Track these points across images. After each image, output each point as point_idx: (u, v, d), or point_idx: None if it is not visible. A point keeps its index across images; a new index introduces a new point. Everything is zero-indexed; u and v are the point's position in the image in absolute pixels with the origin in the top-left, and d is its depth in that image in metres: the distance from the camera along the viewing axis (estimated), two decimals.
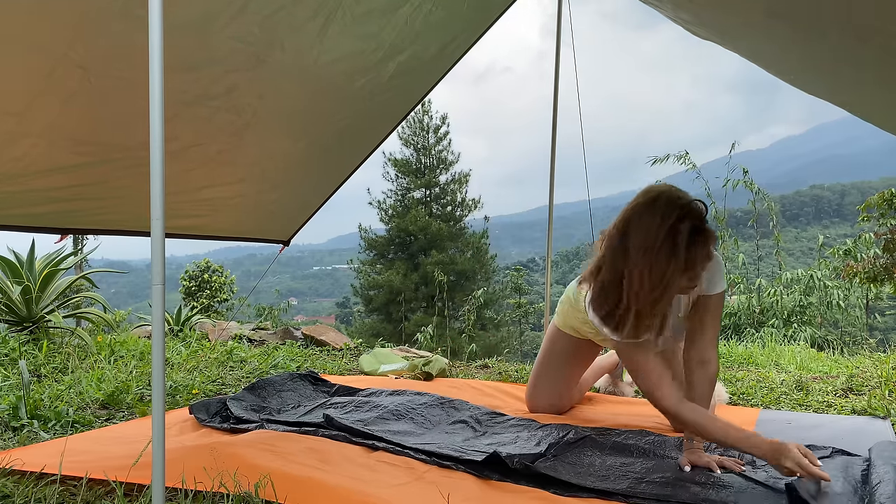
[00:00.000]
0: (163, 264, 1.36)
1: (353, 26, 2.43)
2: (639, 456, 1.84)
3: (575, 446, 1.91)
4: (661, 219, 1.58)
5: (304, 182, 3.44)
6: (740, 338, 6.30)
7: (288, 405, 2.51)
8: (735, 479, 1.62)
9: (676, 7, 2.05)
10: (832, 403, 2.57)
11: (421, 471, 1.70)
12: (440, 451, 1.82)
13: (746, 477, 1.63)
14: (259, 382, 2.64)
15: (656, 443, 1.92)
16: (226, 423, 2.24)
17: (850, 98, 1.97)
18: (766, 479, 1.59)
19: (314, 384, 2.76)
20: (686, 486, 1.56)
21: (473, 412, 2.33)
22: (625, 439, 1.95)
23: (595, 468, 1.72)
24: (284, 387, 2.66)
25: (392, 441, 1.93)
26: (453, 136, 30.32)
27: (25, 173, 2.20)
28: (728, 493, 1.52)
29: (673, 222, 1.56)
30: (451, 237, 20.61)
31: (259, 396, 2.53)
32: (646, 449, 1.88)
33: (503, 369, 3.66)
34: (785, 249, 8.22)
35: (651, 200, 1.63)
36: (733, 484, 1.58)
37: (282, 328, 5.57)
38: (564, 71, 3.64)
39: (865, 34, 1.44)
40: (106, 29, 1.84)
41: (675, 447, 1.87)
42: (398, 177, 22.06)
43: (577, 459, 1.80)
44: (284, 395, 2.60)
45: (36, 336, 4.15)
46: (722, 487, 1.56)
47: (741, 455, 1.75)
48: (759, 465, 1.71)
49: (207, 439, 2.02)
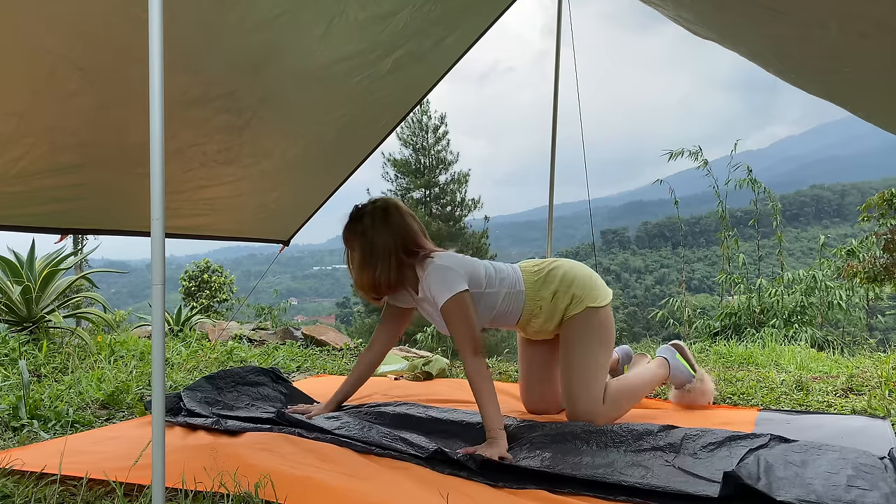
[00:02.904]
0: (163, 264, 1.36)
1: (355, 31, 2.43)
2: (583, 445, 1.88)
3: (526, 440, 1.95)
4: None
5: (304, 182, 3.44)
6: (740, 338, 6.30)
7: (242, 402, 2.48)
8: (668, 471, 1.64)
9: (678, 6, 2.05)
10: (832, 403, 2.57)
11: (421, 472, 1.70)
12: (381, 442, 1.86)
13: (684, 470, 1.64)
14: (219, 373, 2.63)
15: (599, 433, 1.94)
16: (178, 418, 2.23)
17: (850, 97, 1.97)
18: (703, 472, 1.62)
19: (275, 382, 2.72)
20: (627, 472, 1.61)
21: (423, 410, 2.33)
22: (569, 430, 1.98)
23: (545, 458, 1.76)
24: (244, 380, 2.64)
25: (343, 434, 1.96)
26: (452, 135, 30.35)
27: (25, 173, 2.20)
28: (662, 480, 1.55)
29: None
30: (451, 237, 20.60)
31: (216, 388, 2.51)
32: (587, 439, 1.91)
33: (503, 369, 3.66)
34: (785, 249, 8.22)
35: None
36: (662, 474, 1.62)
37: (282, 328, 5.57)
38: (564, 71, 3.65)
39: (867, 30, 1.44)
40: (106, 29, 1.84)
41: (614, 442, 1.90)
42: (397, 177, 22.06)
43: (527, 452, 1.84)
44: (242, 388, 2.58)
45: (36, 336, 4.16)
46: (661, 475, 1.59)
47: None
48: (698, 456, 1.75)
49: (207, 439, 2.02)
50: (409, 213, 2.24)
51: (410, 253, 2.17)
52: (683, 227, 13.40)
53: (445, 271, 2.08)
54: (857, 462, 1.61)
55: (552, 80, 3.67)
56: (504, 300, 2.25)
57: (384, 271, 2.15)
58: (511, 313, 2.28)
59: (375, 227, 2.16)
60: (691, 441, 1.85)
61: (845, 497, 1.38)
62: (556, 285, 2.27)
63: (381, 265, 2.15)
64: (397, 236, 2.16)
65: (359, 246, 2.19)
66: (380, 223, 2.16)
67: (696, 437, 1.87)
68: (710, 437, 1.86)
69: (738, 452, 1.73)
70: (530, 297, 2.28)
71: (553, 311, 2.27)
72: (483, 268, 2.24)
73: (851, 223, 32.83)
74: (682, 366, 2.52)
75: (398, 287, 2.23)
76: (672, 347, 2.59)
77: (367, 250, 2.16)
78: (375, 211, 2.19)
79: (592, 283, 2.30)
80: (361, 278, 2.20)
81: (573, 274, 2.29)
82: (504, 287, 2.25)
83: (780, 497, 1.35)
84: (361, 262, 2.18)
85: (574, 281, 2.28)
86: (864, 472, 1.54)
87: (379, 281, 2.17)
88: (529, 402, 2.48)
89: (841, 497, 1.38)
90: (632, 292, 60.71)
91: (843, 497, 1.38)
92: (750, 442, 1.82)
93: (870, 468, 1.57)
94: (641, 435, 1.90)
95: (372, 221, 2.17)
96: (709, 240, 50.61)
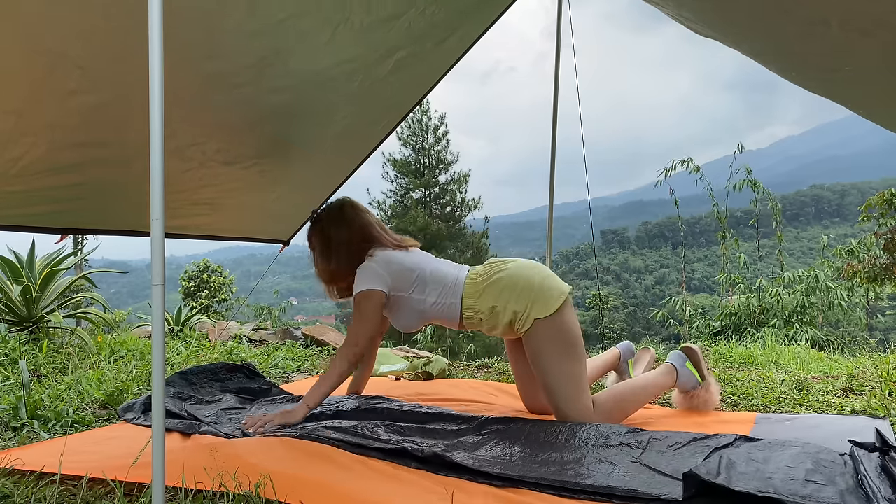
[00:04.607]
0: (163, 264, 1.35)
1: (359, 35, 2.43)
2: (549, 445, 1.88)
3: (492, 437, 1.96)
4: None
5: (304, 182, 3.44)
6: (740, 338, 6.29)
7: (216, 396, 2.49)
8: (634, 467, 1.66)
9: (679, 5, 2.05)
10: (832, 403, 2.57)
11: (421, 473, 1.69)
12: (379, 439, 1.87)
13: (650, 467, 1.66)
14: (192, 369, 2.64)
15: (570, 432, 1.95)
16: (149, 418, 2.24)
17: (851, 96, 1.97)
18: (665, 468, 1.63)
19: (249, 378, 2.72)
20: (585, 472, 1.62)
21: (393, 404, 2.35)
22: (541, 429, 1.99)
23: (501, 458, 1.76)
24: (217, 376, 2.64)
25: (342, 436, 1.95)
26: (452, 135, 30.36)
27: (25, 173, 2.20)
28: (626, 479, 1.56)
29: None
30: (451, 237, 20.61)
31: (189, 383, 2.52)
32: (557, 441, 1.91)
33: (503, 369, 3.66)
34: (785, 249, 8.21)
35: None
36: (630, 472, 1.63)
37: (282, 328, 5.57)
38: (565, 71, 3.67)
39: (868, 28, 1.44)
40: (106, 29, 1.83)
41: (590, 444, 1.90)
42: (397, 177, 22.09)
43: (490, 451, 1.84)
44: (215, 384, 2.58)
45: (36, 336, 4.15)
46: (622, 475, 1.60)
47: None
48: (662, 450, 1.77)
49: (207, 439, 2.02)
50: (363, 210, 2.49)
51: (363, 245, 2.38)
52: (683, 228, 13.41)
53: (368, 270, 2.29)
54: (818, 457, 1.63)
55: (552, 80, 3.67)
56: (433, 308, 2.30)
57: (342, 261, 2.38)
58: (447, 319, 2.32)
59: (332, 224, 2.42)
60: (658, 441, 1.87)
61: (802, 491, 1.39)
62: (495, 300, 2.21)
63: (337, 256, 2.39)
64: (352, 230, 2.39)
65: (318, 242, 2.44)
66: (336, 220, 2.42)
67: (663, 439, 1.88)
68: (676, 438, 1.88)
69: (703, 452, 1.75)
70: (467, 308, 2.26)
71: (495, 324, 2.23)
72: (417, 273, 2.30)
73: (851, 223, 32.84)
74: (689, 373, 2.46)
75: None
76: (683, 353, 2.50)
77: (325, 244, 2.41)
78: (332, 210, 2.46)
79: (538, 293, 2.18)
80: (323, 271, 2.44)
81: (514, 285, 2.20)
82: (432, 297, 2.29)
83: (738, 488, 1.37)
84: (322, 256, 2.43)
85: (513, 294, 2.19)
86: (823, 467, 1.56)
87: (337, 270, 2.41)
88: (527, 402, 2.48)
89: (798, 491, 1.39)
90: (632, 292, 60.74)
91: (800, 491, 1.39)
92: (716, 442, 1.83)
93: (829, 463, 1.59)
94: (609, 435, 1.92)
95: (329, 219, 2.43)
96: (709, 240, 50.64)
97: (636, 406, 2.30)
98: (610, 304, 31.96)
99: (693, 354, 2.49)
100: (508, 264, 2.29)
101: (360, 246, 2.37)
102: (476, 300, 2.24)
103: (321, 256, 2.43)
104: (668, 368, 2.46)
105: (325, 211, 2.47)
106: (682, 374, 2.45)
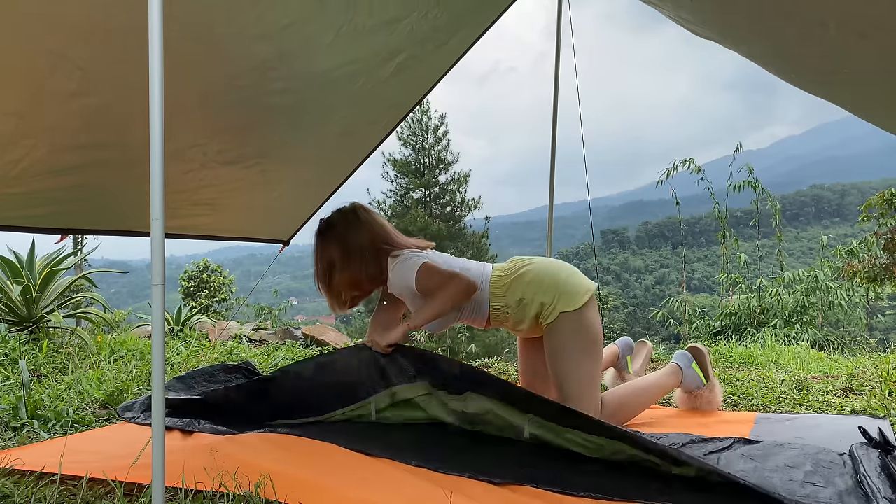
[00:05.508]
0: (163, 264, 1.36)
1: (361, 37, 2.43)
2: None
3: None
4: None
5: (304, 182, 3.44)
6: (740, 338, 6.29)
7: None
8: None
9: (677, 6, 2.05)
10: (832, 403, 2.57)
11: (422, 472, 1.69)
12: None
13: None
14: (190, 373, 2.63)
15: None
16: (148, 417, 2.23)
17: (850, 97, 1.97)
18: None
19: (248, 377, 2.71)
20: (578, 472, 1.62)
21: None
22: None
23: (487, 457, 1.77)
24: (215, 378, 2.63)
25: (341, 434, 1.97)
26: (452, 135, 30.36)
27: (25, 175, 2.20)
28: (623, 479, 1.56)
29: None
30: (451, 237, 20.61)
31: (188, 386, 2.52)
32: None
33: (503, 369, 3.66)
34: (785, 249, 8.21)
35: None
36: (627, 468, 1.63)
37: (282, 328, 5.57)
38: (564, 71, 3.65)
39: (866, 30, 1.44)
40: (106, 29, 1.84)
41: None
42: (398, 177, 22.09)
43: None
44: (215, 387, 2.58)
45: (36, 336, 4.15)
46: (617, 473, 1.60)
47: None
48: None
49: (207, 439, 2.02)
50: (375, 213, 2.39)
51: (384, 248, 2.28)
52: (684, 227, 13.40)
53: (405, 260, 2.21)
54: (818, 458, 1.64)
55: (552, 80, 3.67)
56: (465, 306, 2.25)
57: (364, 266, 2.26)
58: (476, 315, 2.27)
59: (349, 229, 2.28)
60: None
61: (800, 491, 1.40)
62: (522, 293, 2.20)
63: (360, 261, 2.26)
64: (372, 233, 2.28)
65: (337, 250, 2.27)
66: (353, 224, 2.29)
67: (661, 440, 1.88)
68: (674, 439, 1.89)
69: (700, 454, 1.75)
70: (495, 303, 2.23)
71: (522, 317, 2.21)
72: (446, 267, 2.23)
73: (851, 223, 32.84)
74: (694, 374, 2.46)
75: (378, 282, 2.32)
76: (689, 353, 2.49)
77: (344, 251, 2.26)
78: (346, 215, 2.32)
79: (564, 287, 2.17)
80: (343, 280, 2.28)
81: (540, 279, 2.19)
82: None
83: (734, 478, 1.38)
84: (343, 262, 2.26)
85: (541, 287, 2.18)
86: (822, 468, 1.57)
87: (359, 276, 2.27)
88: None
89: (796, 491, 1.40)
90: (632, 292, 60.69)
91: (798, 491, 1.40)
92: (714, 445, 1.84)
93: (829, 464, 1.60)
94: None
95: (345, 225, 2.29)
96: (709, 240, 50.59)
97: (642, 407, 2.31)
98: (610, 304, 31.95)
99: (699, 355, 2.49)
100: (533, 260, 2.30)
101: (382, 248, 2.28)
102: (503, 294, 2.22)
103: (342, 263, 2.26)
104: (673, 369, 2.46)
105: (339, 216, 2.33)
106: (686, 374, 2.45)
